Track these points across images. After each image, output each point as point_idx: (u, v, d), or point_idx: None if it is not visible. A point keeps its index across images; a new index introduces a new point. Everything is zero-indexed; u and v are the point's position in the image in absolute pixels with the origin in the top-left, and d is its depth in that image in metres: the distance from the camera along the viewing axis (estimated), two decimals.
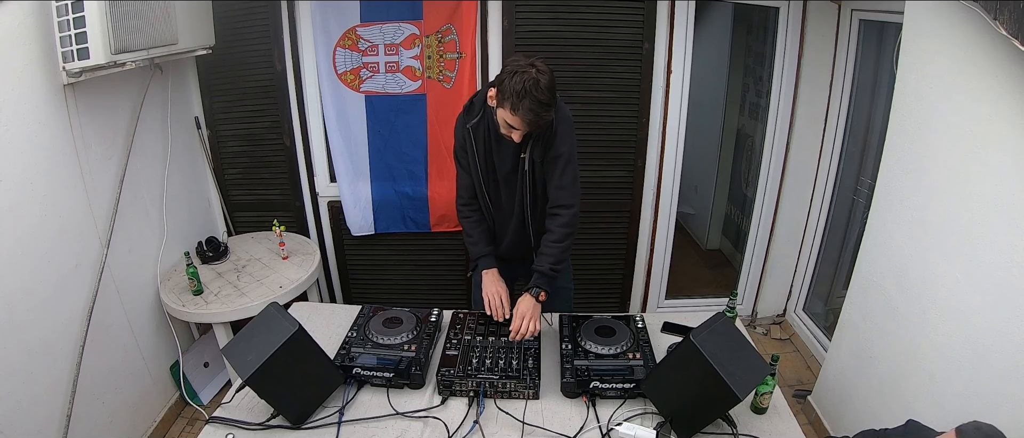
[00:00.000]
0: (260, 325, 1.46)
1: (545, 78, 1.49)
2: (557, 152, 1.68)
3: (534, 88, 1.46)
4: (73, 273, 1.98)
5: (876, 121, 2.63)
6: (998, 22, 1.31)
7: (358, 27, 2.60)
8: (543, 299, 1.73)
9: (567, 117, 1.70)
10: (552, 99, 1.51)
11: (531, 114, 1.49)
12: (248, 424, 1.49)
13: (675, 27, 2.63)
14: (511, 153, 1.72)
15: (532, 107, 1.48)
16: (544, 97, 1.48)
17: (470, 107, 1.75)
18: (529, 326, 1.67)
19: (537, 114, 1.50)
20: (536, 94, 1.47)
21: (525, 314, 1.68)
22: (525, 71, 1.48)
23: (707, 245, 4.13)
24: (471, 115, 1.73)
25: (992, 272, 1.53)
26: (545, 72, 1.50)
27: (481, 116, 1.70)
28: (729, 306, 1.92)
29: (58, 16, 1.74)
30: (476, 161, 1.76)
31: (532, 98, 1.47)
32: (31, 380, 1.80)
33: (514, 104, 1.49)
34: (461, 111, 1.78)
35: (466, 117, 1.75)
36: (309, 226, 3.02)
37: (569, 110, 1.73)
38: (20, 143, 1.75)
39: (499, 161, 1.75)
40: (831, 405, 2.37)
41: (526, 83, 1.46)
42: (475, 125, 1.71)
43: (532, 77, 1.47)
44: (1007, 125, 1.46)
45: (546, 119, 1.54)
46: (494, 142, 1.73)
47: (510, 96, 1.49)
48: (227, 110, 2.79)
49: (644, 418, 1.52)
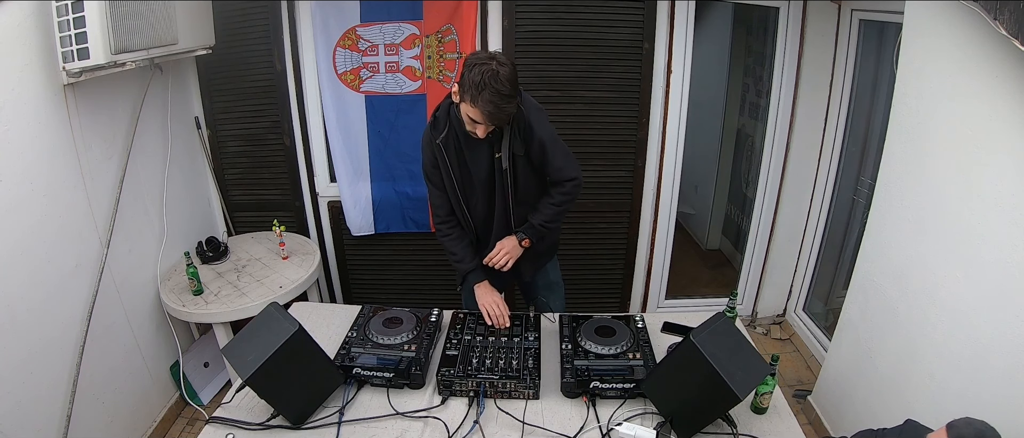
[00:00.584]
0: (260, 325, 1.46)
1: (505, 70, 1.48)
2: (538, 138, 1.67)
3: (493, 80, 1.46)
4: (73, 273, 1.98)
5: (876, 121, 2.63)
6: (998, 22, 1.31)
7: (358, 27, 2.60)
8: (525, 245, 1.82)
9: (534, 104, 1.70)
10: (513, 91, 1.50)
11: (491, 105, 1.48)
12: (248, 424, 1.49)
13: (675, 27, 2.63)
14: (485, 156, 1.72)
15: (491, 98, 1.47)
16: (504, 89, 1.47)
17: (435, 122, 1.72)
18: (505, 260, 1.80)
19: (497, 106, 1.48)
20: (495, 85, 1.46)
21: (504, 247, 1.80)
22: (485, 63, 1.48)
23: (707, 245, 4.12)
24: (437, 130, 1.70)
25: (992, 272, 1.53)
26: (505, 64, 1.50)
27: (448, 129, 1.68)
28: (729, 306, 1.92)
29: (58, 16, 1.74)
30: (450, 174, 1.74)
31: (491, 89, 1.46)
32: (31, 380, 1.80)
33: (474, 96, 1.49)
34: (426, 128, 1.76)
35: (433, 133, 1.72)
36: (309, 226, 3.02)
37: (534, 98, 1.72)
38: (20, 143, 1.75)
39: (474, 167, 1.75)
40: (831, 405, 2.37)
41: (485, 75, 1.46)
42: (444, 139, 1.69)
43: (491, 69, 1.46)
44: (1007, 125, 1.46)
45: (507, 111, 1.53)
46: (466, 150, 1.72)
47: (470, 88, 1.49)
48: (227, 110, 2.79)
49: (644, 418, 1.52)
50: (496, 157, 1.71)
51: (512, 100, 1.52)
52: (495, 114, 1.51)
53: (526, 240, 1.81)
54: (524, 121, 1.66)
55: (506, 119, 1.57)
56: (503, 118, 1.55)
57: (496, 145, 1.69)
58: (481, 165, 1.74)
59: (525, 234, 1.80)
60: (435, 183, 1.81)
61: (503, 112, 1.51)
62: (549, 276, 2.08)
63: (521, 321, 1.82)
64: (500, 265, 1.81)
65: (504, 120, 1.57)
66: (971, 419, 1.12)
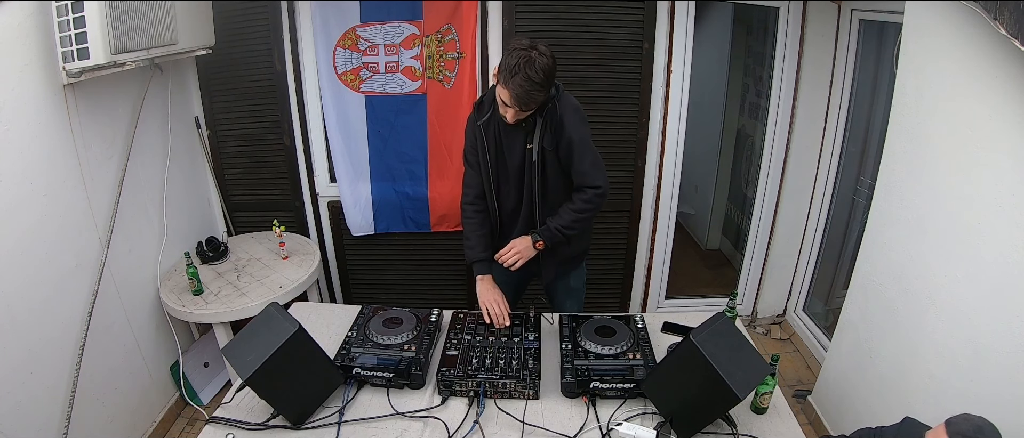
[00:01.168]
0: (260, 325, 1.46)
1: (543, 60, 1.51)
2: (568, 137, 1.68)
3: (528, 66, 1.49)
4: (73, 273, 1.98)
5: (876, 121, 2.63)
6: (998, 22, 1.31)
7: (358, 27, 2.60)
8: (540, 247, 1.80)
9: (574, 104, 1.71)
10: (545, 80, 1.52)
11: (520, 89, 1.51)
12: (248, 424, 1.49)
13: (675, 27, 2.63)
14: (520, 145, 1.74)
15: (522, 83, 1.50)
16: (536, 76, 1.50)
17: (480, 105, 1.78)
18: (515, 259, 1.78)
19: (525, 91, 1.51)
20: (528, 71, 1.49)
21: (516, 247, 1.79)
22: (524, 50, 1.51)
23: (707, 245, 4.13)
24: (481, 113, 1.76)
25: (992, 272, 1.53)
26: (545, 55, 1.52)
27: (491, 113, 1.72)
28: (729, 306, 1.92)
29: (58, 16, 1.74)
30: (487, 158, 1.78)
31: (523, 75, 1.49)
32: (31, 380, 1.80)
33: (506, 78, 1.52)
34: (471, 110, 1.81)
35: (477, 115, 1.77)
36: (309, 226, 3.02)
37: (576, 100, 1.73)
38: (20, 143, 1.75)
39: (509, 155, 1.77)
40: (831, 405, 2.37)
41: (520, 59, 1.50)
42: (486, 122, 1.74)
43: (528, 56, 1.50)
44: (1007, 125, 1.46)
45: (535, 98, 1.55)
46: (503, 136, 1.75)
47: (505, 70, 1.53)
48: (227, 110, 2.79)
49: (644, 418, 1.52)
50: (528, 148, 1.73)
51: (542, 89, 1.53)
52: (523, 98, 1.53)
53: (540, 242, 1.79)
54: (557, 117, 1.67)
55: (533, 106, 1.58)
56: (530, 104, 1.56)
57: (530, 137, 1.71)
58: (516, 154, 1.76)
59: (540, 236, 1.79)
60: (471, 164, 1.86)
61: (531, 98, 1.54)
62: (570, 282, 2.06)
63: (521, 321, 1.82)
64: (509, 263, 1.81)
65: (531, 106, 1.58)
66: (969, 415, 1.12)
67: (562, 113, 1.67)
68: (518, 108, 1.57)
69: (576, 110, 1.70)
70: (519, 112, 1.60)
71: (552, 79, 1.56)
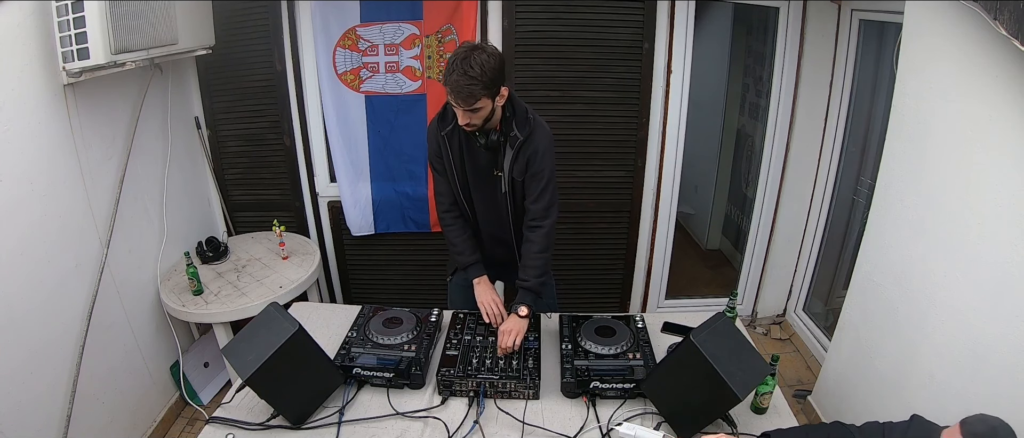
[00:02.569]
0: (260, 325, 1.46)
1: (482, 56, 1.48)
2: (539, 169, 1.68)
3: (464, 62, 1.47)
4: (73, 273, 1.98)
5: (876, 121, 2.63)
6: (998, 22, 1.31)
7: (358, 27, 2.60)
8: (524, 315, 1.72)
9: (550, 138, 1.70)
10: (483, 76, 1.48)
11: (456, 84, 1.48)
12: (248, 424, 1.49)
13: (675, 27, 2.63)
14: (487, 167, 1.73)
15: (458, 79, 1.47)
16: (472, 71, 1.47)
17: (443, 114, 1.72)
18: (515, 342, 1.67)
19: (462, 85, 1.48)
20: (463, 67, 1.47)
21: (510, 330, 1.68)
22: (467, 50, 1.50)
23: (707, 245, 4.13)
24: (445, 123, 1.71)
25: (992, 272, 1.53)
26: (485, 52, 1.50)
27: (454, 125, 1.68)
28: (729, 306, 1.92)
29: (58, 16, 1.74)
30: (453, 168, 1.75)
31: (459, 70, 1.47)
32: (31, 380, 1.80)
33: (446, 76, 1.51)
34: (435, 117, 1.76)
35: (439, 125, 1.72)
36: (309, 226, 3.02)
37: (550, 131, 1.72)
38: (20, 143, 1.75)
39: (472, 172, 1.75)
40: (831, 405, 2.37)
41: (458, 57, 1.49)
42: (449, 132, 1.70)
43: (467, 55, 1.48)
44: (1007, 125, 1.46)
45: (474, 94, 1.49)
46: (466, 152, 1.72)
47: (446, 69, 1.51)
48: (227, 110, 2.79)
49: (644, 418, 1.52)
50: (497, 175, 1.72)
51: (478, 83, 1.48)
52: (461, 93, 1.49)
53: (523, 309, 1.72)
54: (532, 149, 1.66)
55: (474, 102, 1.51)
56: (470, 100, 1.50)
57: (498, 161, 1.70)
58: (480, 173, 1.75)
59: (524, 303, 1.73)
60: (438, 170, 1.82)
61: (470, 93, 1.49)
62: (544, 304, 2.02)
63: None
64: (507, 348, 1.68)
65: (471, 103, 1.51)
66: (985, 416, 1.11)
67: (537, 146, 1.66)
68: (461, 106, 1.53)
69: (550, 143, 1.69)
70: (466, 113, 1.55)
71: (494, 77, 1.51)
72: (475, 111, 1.54)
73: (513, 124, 1.65)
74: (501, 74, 1.54)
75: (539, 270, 1.75)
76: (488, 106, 1.56)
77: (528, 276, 1.75)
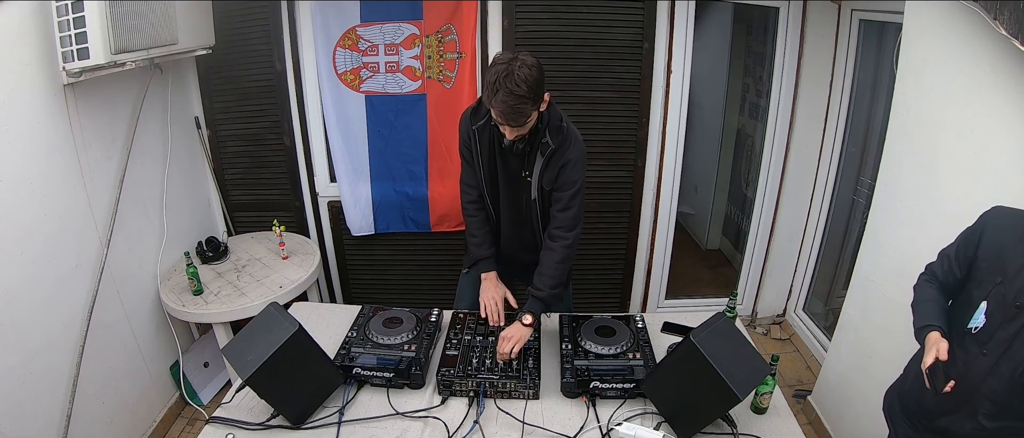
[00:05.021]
0: (260, 325, 1.46)
1: (524, 71, 1.42)
2: (571, 180, 1.65)
3: (507, 79, 1.41)
4: (73, 273, 1.98)
5: (876, 121, 2.63)
6: (998, 22, 1.31)
7: (358, 27, 2.60)
8: (528, 324, 1.67)
9: (582, 148, 1.66)
10: (530, 92, 1.44)
11: (503, 105, 1.44)
12: (248, 424, 1.49)
13: (675, 27, 2.63)
14: (515, 169, 1.71)
15: (504, 98, 1.42)
16: (519, 89, 1.41)
17: (477, 108, 1.69)
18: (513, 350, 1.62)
19: (510, 106, 1.44)
20: (508, 85, 1.41)
21: (510, 337, 1.63)
22: (502, 63, 1.44)
23: (707, 245, 4.13)
24: (478, 117, 1.68)
25: None
26: (526, 65, 1.44)
27: (487, 119, 1.65)
28: (729, 306, 1.92)
29: (58, 16, 1.74)
30: (481, 161, 1.73)
31: (505, 89, 1.42)
32: (31, 380, 1.80)
33: (488, 97, 1.47)
34: (469, 106, 1.73)
35: (473, 117, 1.69)
36: (309, 226, 3.02)
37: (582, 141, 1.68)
38: (20, 143, 1.75)
39: (503, 172, 1.73)
40: (831, 405, 2.37)
41: (500, 75, 1.42)
42: (481, 127, 1.67)
43: (508, 69, 1.42)
44: (1007, 125, 1.46)
45: (523, 112, 1.46)
46: (498, 152, 1.69)
47: (487, 89, 1.47)
48: (227, 110, 2.79)
49: (644, 418, 1.52)
50: (526, 178, 1.69)
51: (527, 101, 1.44)
52: (509, 114, 1.46)
53: (528, 317, 1.67)
54: (565, 160, 1.63)
55: (524, 120, 1.49)
56: (519, 118, 1.48)
57: (527, 166, 1.68)
58: (511, 177, 1.73)
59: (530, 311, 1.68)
60: (467, 160, 1.78)
61: (518, 112, 1.46)
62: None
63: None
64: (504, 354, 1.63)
65: (521, 121, 1.49)
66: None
67: (570, 156, 1.63)
68: (509, 125, 1.50)
69: (582, 154, 1.66)
70: (514, 129, 1.52)
71: (538, 90, 1.47)
72: (524, 126, 1.53)
73: (546, 132, 1.61)
74: (543, 82, 1.49)
75: (554, 281, 1.70)
76: (535, 117, 1.54)
77: (542, 285, 1.70)
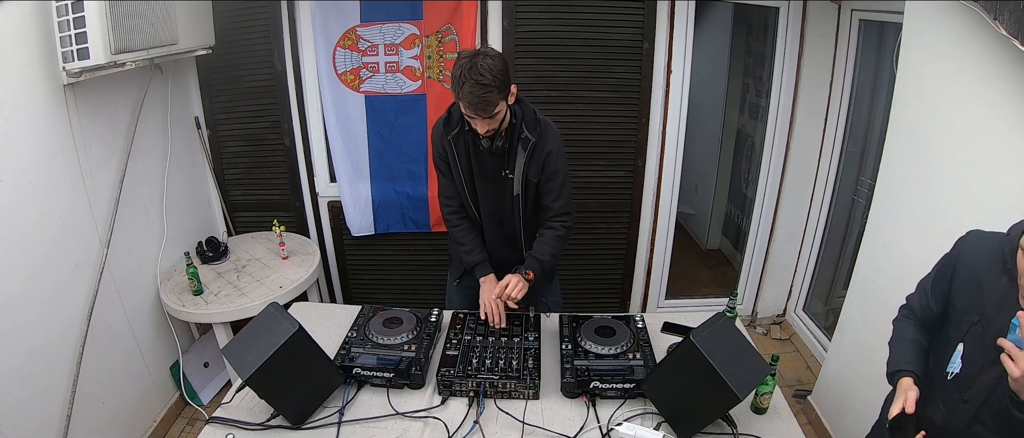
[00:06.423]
0: (260, 325, 1.46)
1: (487, 62, 1.46)
2: (556, 169, 1.70)
3: (472, 71, 1.44)
4: (73, 273, 1.98)
5: (876, 121, 2.63)
6: (998, 22, 1.31)
7: (358, 27, 2.60)
8: (530, 278, 1.74)
9: (559, 137, 1.72)
10: (496, 81, 1.46)
11: (470, 96, 1.47)
12: (248, 424, 1.49)
13: (675, 27, 2.63)
14: (493, 168, 1.72)
15: (471, 89, 1.46)
16: (483, 78, 1.44)
17: (448, 118, 1.71)
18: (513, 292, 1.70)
19: (477, 96, 1.46)
20: (474, 76, 1.44)
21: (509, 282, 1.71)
22: (467, 57, 1.48)
23: (707, 245, 4.13)
24: (450, 126, 1.70)
25: None
26: (489, 56, 1.48)
27: (460, 127, 1.67)
28: (729, 306, 1.92)
29: (58, 16, 1.74)
30: (460, 172, 1.74)
31: (471, 81, 1.45)
32: (31, 380, 1.80)
33: (457, 90, 1.49)
34: (439, 119, 1.76)
35: (445, 128, 1.71)
36: (309, 226, 3.02)
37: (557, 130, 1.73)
38: (20, 143, 1.75)
39: (479, 175, 1.75)
40: (831, 405, 2.37)
41: (463, 67, 1.46)
42: (455, 137, 1.69)
43: (471, 62, 1.46)
44: (1007, 125, 1.46)
45: (491, 102, 1.48)
46: (473, 155, 1.72)
47: (454, 83, 1.50)
48: (227, 110, 2.79)
49: (644, 418, 1.51)
50: (507, 176, 1.71)
51: (493, 89, 1.47)
52: (477, 104, 1.49)
53: (530, 273, 1.74)
54: (545, 151, 1.66)
55: (492, 110, 1.51)
56: (487, 108, 1.50)
57: (507, 163, 1.69)
58: (491, 178, 1.74)
59: (530, 268, 1.75)
60: (444, 172, 1.81)
61: (486, 101, 1.48)
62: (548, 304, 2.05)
63: (521, 321, 1.82)
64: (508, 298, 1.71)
65: (490, 111, 1.51)
66: None
67: (551, 147, 1.67)
68: (479, 116, 1.53)
69: (561, 142, 1.71)
70: (484, 122, 1.54)
71: (503, 78, 1.50)
72: (494, 117, 1.55)
73: (523, 126, 1.65)
74: (508, 73, 1.53)
75: (553, 251, 1.77)
76: (504, 108, 1.56)
77: (542, 253, 1.76)
